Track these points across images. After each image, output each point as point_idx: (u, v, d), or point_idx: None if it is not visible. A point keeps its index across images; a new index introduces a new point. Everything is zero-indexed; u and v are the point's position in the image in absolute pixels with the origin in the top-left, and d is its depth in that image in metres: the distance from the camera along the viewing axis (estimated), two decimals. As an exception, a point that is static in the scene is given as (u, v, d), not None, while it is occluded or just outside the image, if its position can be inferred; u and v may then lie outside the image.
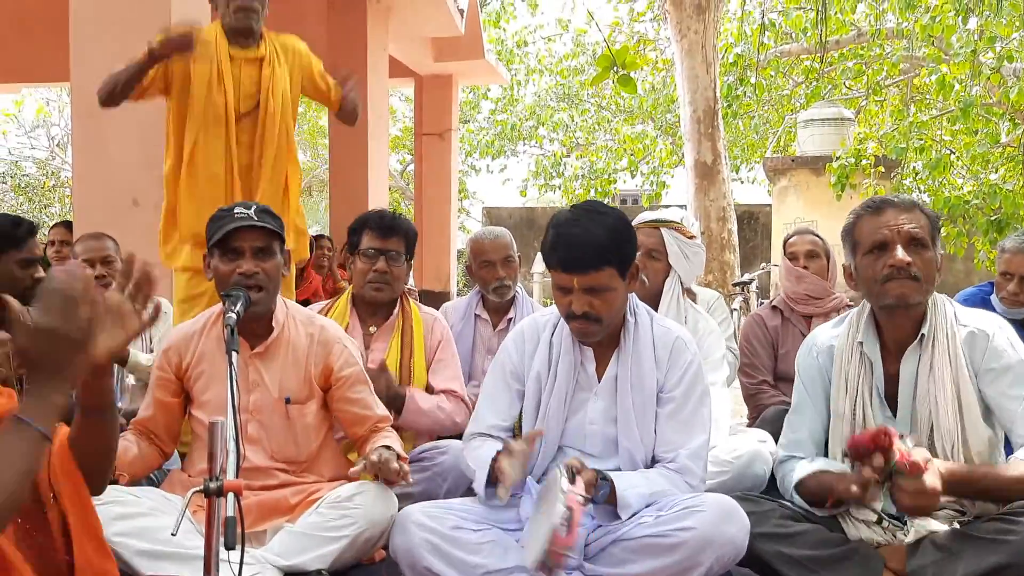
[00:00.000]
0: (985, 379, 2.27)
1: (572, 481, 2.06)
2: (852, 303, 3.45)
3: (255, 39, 3.63)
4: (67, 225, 4.75)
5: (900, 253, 2.23)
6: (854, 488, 2.08)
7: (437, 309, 3.52)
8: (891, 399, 2.36)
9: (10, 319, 1.43)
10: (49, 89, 16.11)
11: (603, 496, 2.21)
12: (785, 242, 3.99)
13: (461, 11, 8.40)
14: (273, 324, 2.60)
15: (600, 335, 2.38)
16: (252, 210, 2.53)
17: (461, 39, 8.96)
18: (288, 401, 2.58)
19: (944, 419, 2.25)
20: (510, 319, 3.68)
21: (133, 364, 3.29)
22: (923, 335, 2.30)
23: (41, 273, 3.02)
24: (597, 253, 2.27)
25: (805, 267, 3.77)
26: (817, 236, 3.91)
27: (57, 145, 18.57)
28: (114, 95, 3.44)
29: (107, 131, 4.08)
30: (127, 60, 3.40)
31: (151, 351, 3.46)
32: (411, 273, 3.47)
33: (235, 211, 2.53)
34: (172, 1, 4.01)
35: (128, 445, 2.54)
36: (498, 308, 3.75)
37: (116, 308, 1.53)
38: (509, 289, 3.69)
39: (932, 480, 2.02)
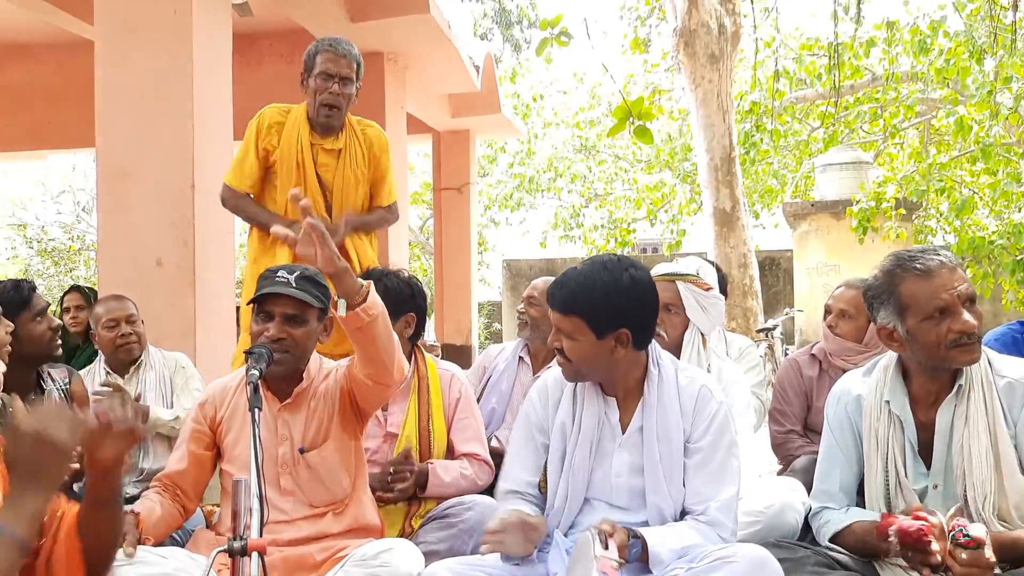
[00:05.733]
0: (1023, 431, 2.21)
1: (605, 546, 2.02)
2: None
3: (336, 132, 3.84)
4: (79, 290, 4.76)
5: (969, 317, 2.16)
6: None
7: (458, 363, 3.49)
8: (926, 447, 2.30)
9: (7, 419, 1.40)
10: (75, 154, 16.41)
11: (636, 554, 2.17)
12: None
13: (477, 68, 8.51)
14: (304, 377, 2.61)
15: (576, 377, 2.39)
16: (294, 276, 2.50)
17: (478, 95, 9.07)
18: (302, 451, 2.56)
19: (978, 471, 2.18)
20: (551, 367, 3.67)
21: (153, 420, 3.29)
22: (960, 386, 2.24)
23: (57, 321, 3.07)
24: (567, 298, 2.30)
25: (834, 324, 3.59)
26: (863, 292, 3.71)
27: (83, 209, 18.87)
28: (237, 213, 3.93)
29: (131, 195, 4.14)
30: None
31: (171, 405, 3.47)
32: (430, 328, 3.46)
33: (278, 274, 2.52)
34: (195, 72, 4.09)
35: (152, 506, 2.52)
36: (539, 354, 3.75)
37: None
38: (524, 324, 3.76)
39: (990, 553, 1.97)
